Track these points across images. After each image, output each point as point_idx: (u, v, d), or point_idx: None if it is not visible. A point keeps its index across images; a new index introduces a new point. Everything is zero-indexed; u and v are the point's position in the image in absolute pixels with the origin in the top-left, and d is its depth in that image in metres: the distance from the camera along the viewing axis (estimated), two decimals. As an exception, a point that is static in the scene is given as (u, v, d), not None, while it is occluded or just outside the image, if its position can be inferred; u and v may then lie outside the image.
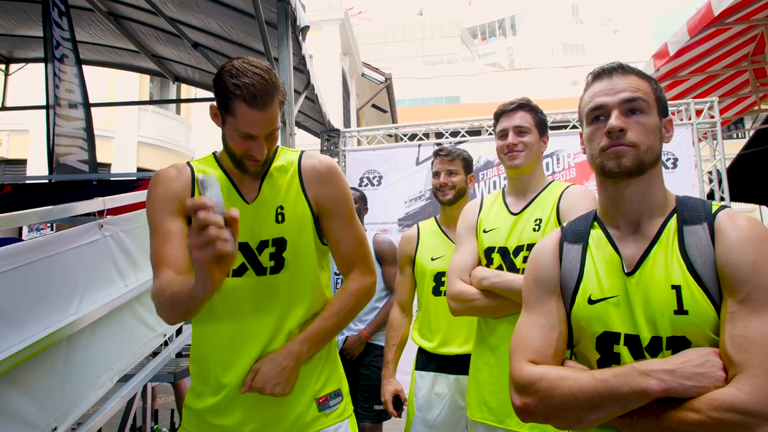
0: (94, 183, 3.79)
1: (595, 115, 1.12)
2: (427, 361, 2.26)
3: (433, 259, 2.31)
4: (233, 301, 1.40)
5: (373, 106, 15.27)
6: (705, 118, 4.88)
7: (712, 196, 5.06)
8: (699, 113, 4.88)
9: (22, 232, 7.68)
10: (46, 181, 4.08)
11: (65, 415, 1.96)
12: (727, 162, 5.07)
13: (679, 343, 0.99)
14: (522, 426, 1.66)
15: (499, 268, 1.77)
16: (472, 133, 5.42)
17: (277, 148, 1.50)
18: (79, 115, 4.42)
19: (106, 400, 2.33)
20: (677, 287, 1.01)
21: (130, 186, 3.74)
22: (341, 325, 1.49)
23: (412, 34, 45.68)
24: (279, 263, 1.42)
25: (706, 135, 4.94)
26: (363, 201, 3.34)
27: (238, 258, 1.40)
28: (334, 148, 5.43)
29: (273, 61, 3.65)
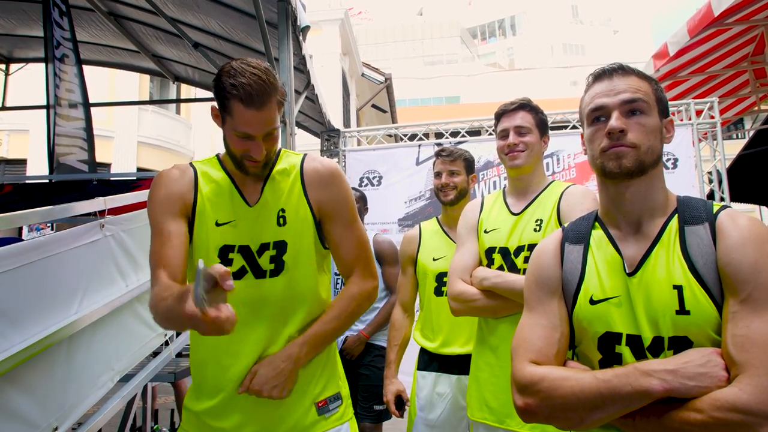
0: (94, 183, 3.79)
1: (595, 116, 1.12)
2: (429, 361, 2.26)
3: (434, 259, 2.31)
4: (232, 304, 1.39)
5: (373, 106, 15.27)
6: (705, 119, 4.88)
7: (712, 197, 5.06)
8: (699, 113, 4.89)
9: (21, 232, 7.68)
10: (46, 181, 4.08)
11: (66, 414, 1.96)
12: (727, 162, 5.08)
13: (680, 343, 0.99)
14: (522, 426, 1.66)
15: (500, 268, 1.77)
16: (472, 133, 5.42)
17: (280, 151, 1.50)
18: (79, 115, 4.42)
19: (106, 400, 2.33)
20: (679, 287, 1.01)
21: (130, 186, 3.74)
22: (341, 329, 1.48)
23: (412, 34, 45.68)
24: (279, 266, 1.41)
25: (706, 135, 4.95)
26: (363, 201, 3.34)
27: (238, 261, 1.40)
28: (334, 148, 5.43)
29: (273, 61, 3.65)
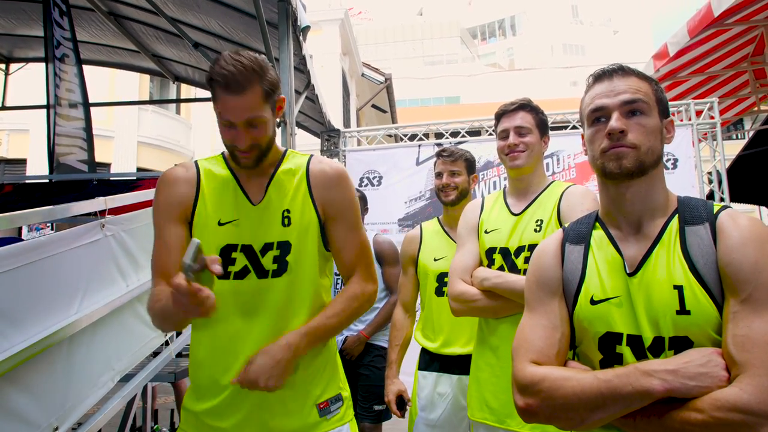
0: (94, 183, 3.79)
1: (595, 117, 1.12)
2: (430, 361, 2.26)
3: (435, 259, 2.31)
4: (233, 303, 1.39)
5: (373, 106, 15.26)
6: (705, 119, 4.89)
7: (711, 197, 5.07)
8: (699, 114, 4.89)
9: (21, 231, 7.68)
10: (46, 180, 4.08)
11: (66, 414, 1.96)
12: (727, 162, 5.08)
13: (681, 344, 0.99)
14: (523, 426, 1.66)
15: (501, 268, 1.77)
16: (472, 133, 5.42)
17: (286, 151, 1.51)
18: (79, 115, 4.42)
19: (106, 400, 2.33)
20: (679, 287, 1.01)
21: (130, 186, 3.74)
22: (341, 326, 1.48)
23: (412, 34, 45.68)
24: (282, 267, 1.41)
25: (706, 135, 4.95)
26: (363, 201, 3.34)
27: (241, 260, 1.40)
28: (334, 148, 5.43)
29: (274, 61, 3.65)
